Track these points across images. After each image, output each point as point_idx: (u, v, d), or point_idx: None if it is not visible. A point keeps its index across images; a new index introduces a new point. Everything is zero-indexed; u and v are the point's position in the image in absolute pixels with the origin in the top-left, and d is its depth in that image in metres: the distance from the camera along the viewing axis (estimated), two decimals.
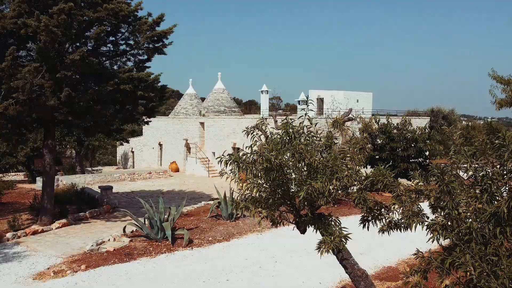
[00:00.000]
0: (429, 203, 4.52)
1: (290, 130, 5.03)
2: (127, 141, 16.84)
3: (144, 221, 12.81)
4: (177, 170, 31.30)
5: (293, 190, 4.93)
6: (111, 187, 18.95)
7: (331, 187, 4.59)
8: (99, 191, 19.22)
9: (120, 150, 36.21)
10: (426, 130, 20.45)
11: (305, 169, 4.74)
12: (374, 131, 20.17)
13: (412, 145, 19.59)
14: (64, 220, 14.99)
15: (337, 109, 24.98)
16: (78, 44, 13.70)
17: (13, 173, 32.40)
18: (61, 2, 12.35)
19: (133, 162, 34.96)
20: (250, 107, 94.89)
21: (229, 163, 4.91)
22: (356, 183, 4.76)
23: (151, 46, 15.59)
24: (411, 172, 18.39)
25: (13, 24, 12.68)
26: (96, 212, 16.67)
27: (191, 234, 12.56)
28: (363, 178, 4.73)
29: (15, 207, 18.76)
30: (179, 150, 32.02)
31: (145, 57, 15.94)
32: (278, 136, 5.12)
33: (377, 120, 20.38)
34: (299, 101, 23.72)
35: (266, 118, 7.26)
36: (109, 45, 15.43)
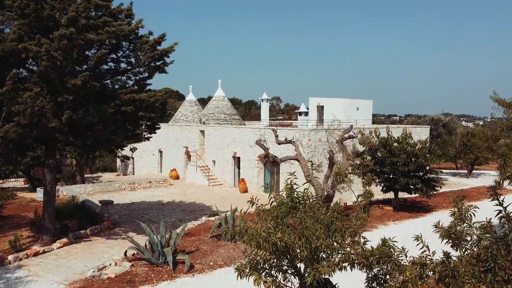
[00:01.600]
0: (434, 278, 4.53)
1: (295, 197, 5.02)
2: (128, 158, 16.82)
3: (146, 245, 12.82)
4: (177, 177, 31.32)
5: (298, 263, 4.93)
6: (112, 202, 18.96)
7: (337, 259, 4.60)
8: (100, 204, 19.27)
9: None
10: (427, 144, 20.50)
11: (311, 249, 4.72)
12: (374, 145, 20.20)
13: (413, 159, 19.63)
14: (65, 240, 15.01)
15: (337, 123, 24.91)
16: (79, 65, 13.65)
17: (13, 179, 32.42)
18: (62, 26, 12.31)
19: (133, 168, 34.96)
20: (250, 107, 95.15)
21: (233, 236, 4.89)
22: (362, 259, 4.74)
23: (152, 64, 15.57)
24: (411, 187, 18.44)
25: (14, 47, 12.64)
26: (96, 229, 16.68)
27: (192, 258, 12.59)
28: (368, 254, 4.72)
29: (16, 222, 18.78)
30: (179, 158, 32.02)
31: (146, 74, 15.93)
32: (283, 199, 5.11)
33: (378, 134, 20.41)
34: (300, 112, 23.70)
35: (267, 128, 7.24)
36: (110, 63, 15.40)
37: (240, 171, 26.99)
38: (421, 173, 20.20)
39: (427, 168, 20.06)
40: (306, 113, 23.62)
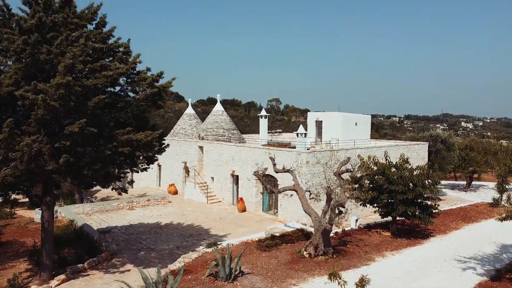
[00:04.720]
0: None
1: None
2: (126, 191, 16.82)
3: None
4: (175, 192, 31.37)
5: None
6: (110, 230, 18.99)
7: None
8: (98, 230, 19.33)
9: None
10: (425, 171, 20.47)
11: None
12: (372, 171, 20.21)
13: (411, 187, 19.63)
14: (62, 276, 15.04)
15: (335, 142, 24.94)
16: (76, 110, 13.60)
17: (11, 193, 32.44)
18: (59, 73, 12.24)
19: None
20: (249, 109, 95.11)
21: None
22: None
23: (150, 98, 15.53)
24: (409, 213, 18.52)
25: (10, 90, 12.61)
26: (94, 262, 16.70)
27: None
28: None
29: (15, 250, 18.83)
30: (178, 172, 32.02)
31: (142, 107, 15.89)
32: None
33: (376, 161, 20.43)
34: (297, 133, 23.72)
35: (265, 148, 7.17)
36: (107, 100, 15.32)
37: (239, 190, 27.01)
38: (419, 200, 20.23)
39: (425, 195, 20.08)
40: (305, 134, 23.63)
